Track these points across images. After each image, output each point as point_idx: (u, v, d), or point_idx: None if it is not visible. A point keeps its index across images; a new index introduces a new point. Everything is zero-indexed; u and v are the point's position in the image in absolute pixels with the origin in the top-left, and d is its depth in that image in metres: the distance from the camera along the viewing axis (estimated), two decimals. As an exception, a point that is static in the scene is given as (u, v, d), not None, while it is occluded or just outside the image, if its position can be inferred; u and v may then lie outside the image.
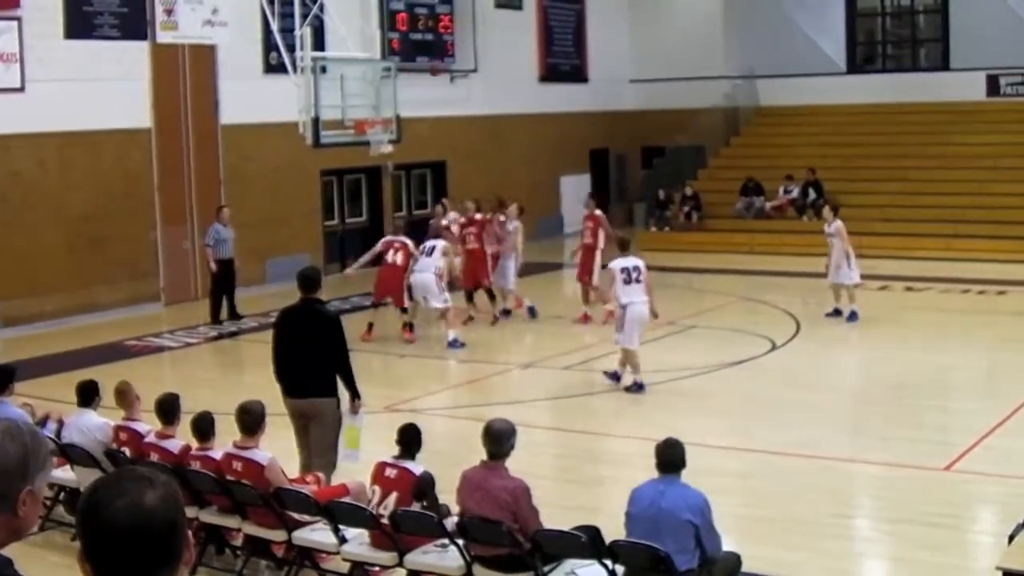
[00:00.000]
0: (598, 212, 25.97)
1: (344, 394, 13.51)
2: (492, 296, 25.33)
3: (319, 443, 13.27)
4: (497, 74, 38.47)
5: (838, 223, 24.65)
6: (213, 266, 25.99)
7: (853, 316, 24.29)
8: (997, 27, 39.53)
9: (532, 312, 25.65)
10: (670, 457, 9.94)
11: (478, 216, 25.52)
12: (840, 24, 43.80)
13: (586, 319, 25.25)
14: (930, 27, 44.58)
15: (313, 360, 13.27)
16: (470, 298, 25.39)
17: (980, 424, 16.74)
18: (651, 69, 43.52)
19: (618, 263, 19.16)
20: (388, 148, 25.52)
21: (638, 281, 18.93)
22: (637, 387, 18.98)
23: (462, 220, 25.90)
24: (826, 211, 25.32)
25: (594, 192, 31.54)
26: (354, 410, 13.43)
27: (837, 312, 24.72)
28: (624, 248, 19.64)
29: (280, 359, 13.57)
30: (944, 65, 42.14)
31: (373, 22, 27.64)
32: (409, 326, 24.07)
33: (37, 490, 4.06)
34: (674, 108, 42.04)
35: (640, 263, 19.28)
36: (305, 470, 12.90)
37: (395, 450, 11.05)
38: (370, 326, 24.02)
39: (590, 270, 25.32)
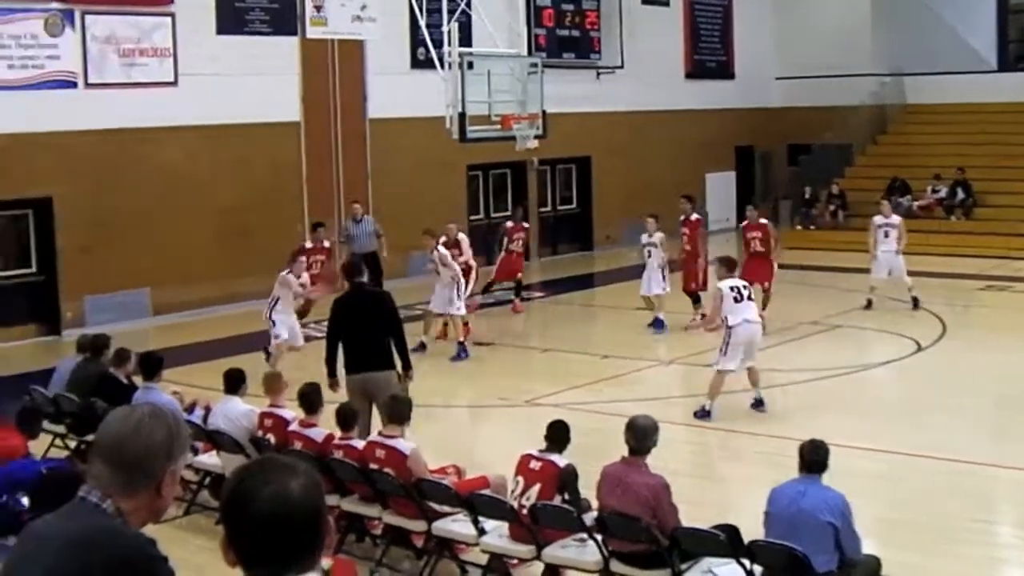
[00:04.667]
0: (765, 221, 25.52)
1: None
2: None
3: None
4: (643, 70, 38.37)
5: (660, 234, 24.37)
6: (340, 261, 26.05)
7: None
8: None
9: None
10: (815, 458, 9.91)
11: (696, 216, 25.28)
12: (991, 21, 43.15)
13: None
14: (1085, 24, 43.80)
15: (379, 336, 14.57)
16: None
17: None
18: (797, 66, 43.13)
19: (727, 283, 17.85)
20: (534, 144, 25.59)
21: (750, 299, 17.97)
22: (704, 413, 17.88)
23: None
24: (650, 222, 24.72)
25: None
26: (409, 378, 14.66)
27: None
28: (731, 268, 18.41)
29: (349, 341, 14.72)
30: (1098, 63, 41.41)
31: (520, 18, 27.68)
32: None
33: (178, 471, 4.21)
34: (820, 105, 41.64)
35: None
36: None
37: (537, 444, 11.12)
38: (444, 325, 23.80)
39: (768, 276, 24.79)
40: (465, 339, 22.61)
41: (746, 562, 9.70)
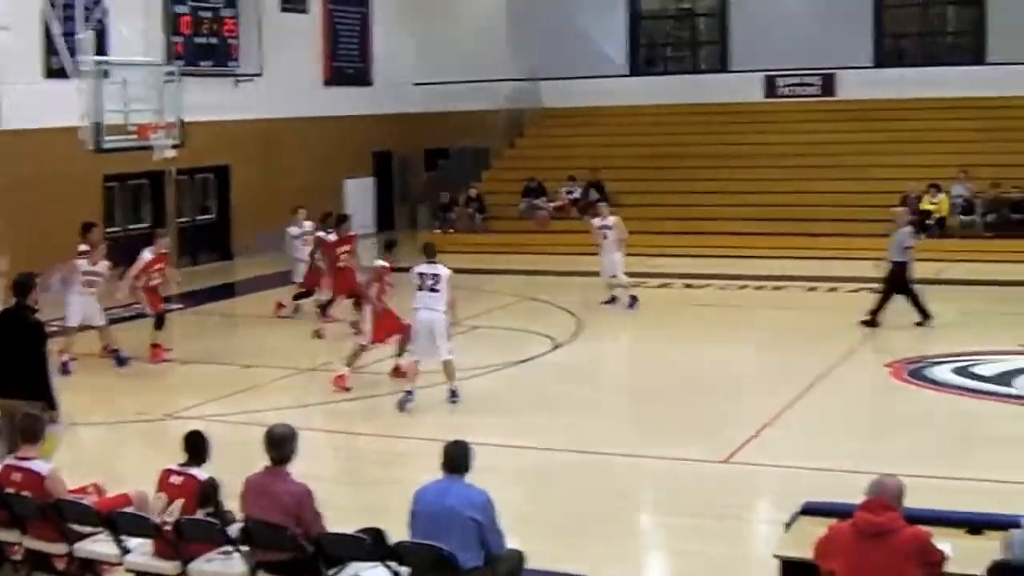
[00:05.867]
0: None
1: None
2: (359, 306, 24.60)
3: None
4: (282, 77, 38.20)
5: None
6: None
7: None
8: (774, 30, 40.49)
9: None
10: (457, 457, 10.04)
11: (351, 233, 25.08)
12: (622, 27, 44.43)
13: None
14: (710, 30, 45.36)
15: (27, 364, 13.72)
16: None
17: (756, 416, 17.22)
18: (435, 72, 43.60)
19: (416, 269, 18.68)
20: (172, 153, 25.33)
21: (434, 289, 18.30)
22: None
23: (332, 237, 24.98)
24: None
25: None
26: (51, 419, 13.50)
27: None
28: (430, 255, 18.93)
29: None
30: (723, 67, 43.06)
31: (157, 25, 27.34)
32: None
33: None
34: (458, 110, 42.26)
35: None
36: None
37: (178, 458, 11.00)
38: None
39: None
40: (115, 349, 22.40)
41: (393, 564, 9.79)
